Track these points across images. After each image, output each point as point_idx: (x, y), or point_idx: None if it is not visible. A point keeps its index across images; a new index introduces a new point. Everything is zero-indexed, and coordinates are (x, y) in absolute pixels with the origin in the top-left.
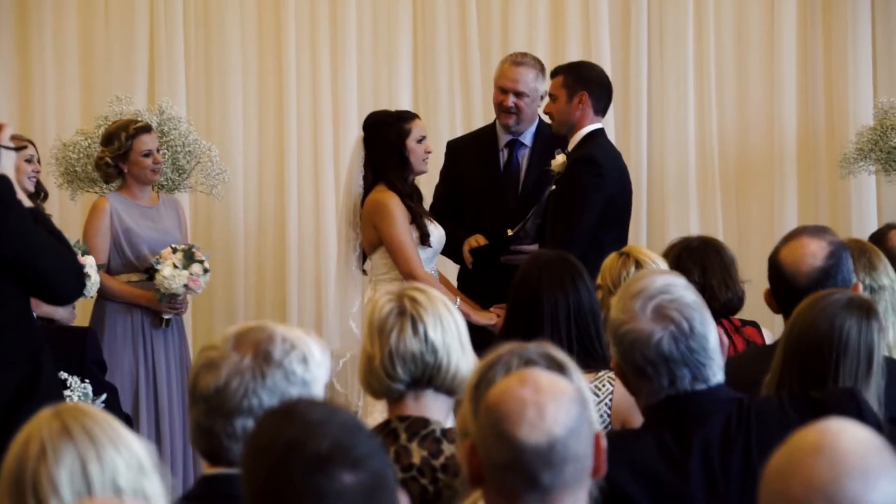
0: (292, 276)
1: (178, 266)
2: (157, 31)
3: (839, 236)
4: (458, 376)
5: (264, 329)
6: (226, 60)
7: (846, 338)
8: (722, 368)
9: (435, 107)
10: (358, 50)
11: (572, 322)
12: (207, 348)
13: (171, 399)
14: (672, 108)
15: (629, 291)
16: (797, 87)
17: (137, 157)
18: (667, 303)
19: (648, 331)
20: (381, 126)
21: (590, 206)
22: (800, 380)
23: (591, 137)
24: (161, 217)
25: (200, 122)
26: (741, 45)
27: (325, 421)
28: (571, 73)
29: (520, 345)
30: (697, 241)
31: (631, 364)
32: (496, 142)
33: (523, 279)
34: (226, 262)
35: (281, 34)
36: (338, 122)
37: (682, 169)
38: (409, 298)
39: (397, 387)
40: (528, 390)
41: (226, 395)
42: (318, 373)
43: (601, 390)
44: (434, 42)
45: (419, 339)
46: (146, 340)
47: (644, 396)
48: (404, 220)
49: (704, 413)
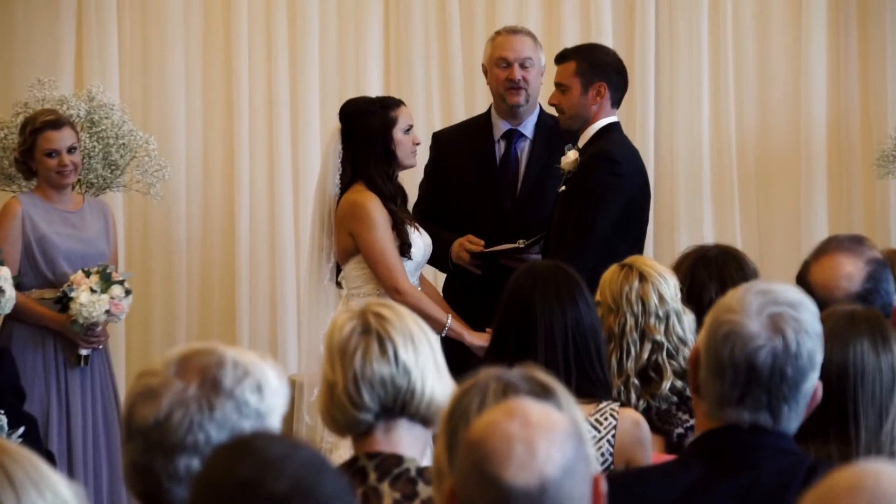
0: (243, 290)
1: (96, 290)
2: (85, 5)
3: (877, 247)
4: (433, 403)
5: (212, 352)
6: (165, 38)
7: (861, 365)
8: (800, 421)
9: (409, 95)
10: (320, 27)
11: (570, 342)
12: (145, 374)
13: (88, 443)
14: (683, 96)
15: (754, 287)
16: (827, 74)
17: (41, 156)
18: (789, 317)
19: (754, 332)
20: (363, 115)
21: (607, 208)
22: (817, 418)
23: (607, 132)
24: (85, 224)
25: (136, 110)
26: (763, 25)
27: (285, 458)
28: (586, 59)
29: (500, 368)
30: (715, 250)
31: (714, 356)
32: (491, 132)
33: (514, 292)
34: (165, 272)
35: (230, 8)
36: (296, 110)
37: (695, 167)
38: (373, 315)
39: (364, 417)
40: (516, 424)
41: (167, 429)
42: (274, 403)
43: (602, 424)
44: (408, 20)
45: (388, 360)
46: (60, 377)
47: (705, 399)
48: (386, 225)
49: (757, 459)
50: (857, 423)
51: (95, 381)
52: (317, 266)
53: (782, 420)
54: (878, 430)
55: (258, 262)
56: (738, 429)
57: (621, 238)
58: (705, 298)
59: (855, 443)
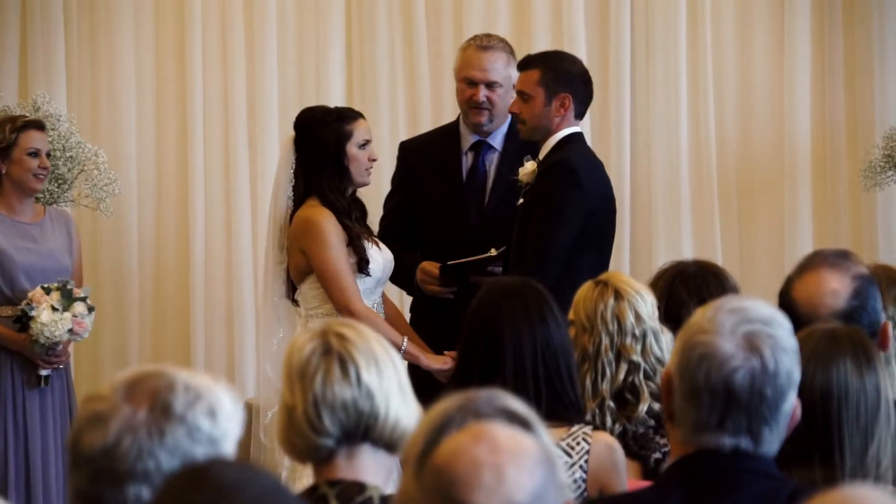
0: (198, 309)
1: (58, 308)
2: (29, 9)
3: (863, 262)
4: (398, 428)
5: (163, 375)
6: (115, 45)
7: (845, 386)
8: (780, 442)
9: (373, 102)
10: (278, 33)
11: (540, 362)
12: (92, 399)
13: (48, 466)
14: (660, 104)
15: (724, 305)
16: (812, 79)
17: (21, 154)
18: (764, 335)
19: (728, 353)
20: (317, 126)
21: (565, 222)
22: (799, 443)
23: (567, 142)
24: (45, 237)
25: (84, 121)
26: (744, 29)
27: (242, 485)
28: (551, 68)
29: (466, 392)
30: (694, 266)
31: (688, 381)
32: (459, 143)
33: (479, 311)
34: (116, 291)
35: (184, 11)
36: (254, 119)
37: (673, 178)
38: (334, 335)
39: (325, 443)
40: (484, 449)
41: (115, 457)
42: (228, 428)
43: (575, 449)
44: (372, 25)
45: (350, 382)
46: (17, 398)
47: (680, 426)
48: (339, 243)
49: (739, 483)
50: (841, 447)
51: (55, 402)
52: (270, 284)
53: (763, 443)
54: (863, 454)
55: (214, 279)
56: (718, 453)
57: (583, 252)
58: (684, 316)
59: (840, 467)
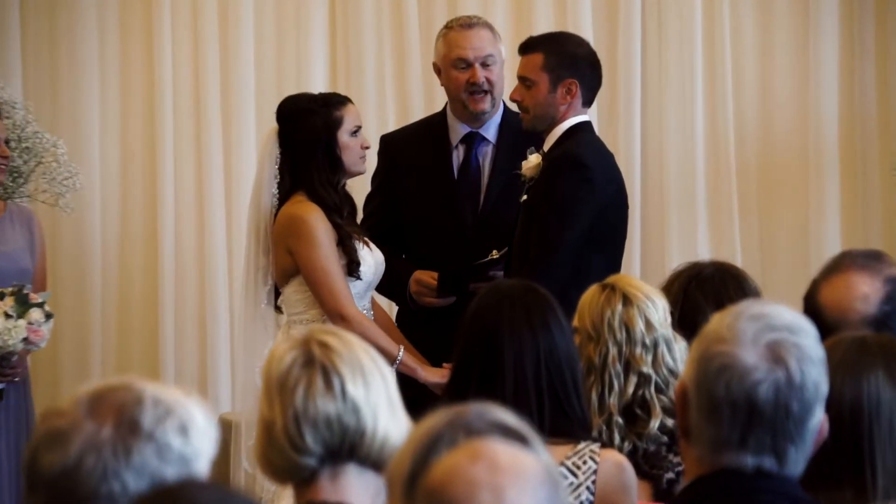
0: (167, 316)
1: (12, 315)
2: None
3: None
4: (387, 445)
5: (129, 388)
6: (76, 24)
7: (876, 399)
8: (806, 461)
9: (359, 93)
10: (255, 15)
11: (542, 372)
12: (51, 415)
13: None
14: (674, 92)
15: (744, 311)
16: (840, 66)
17: None
18: (790, 344)
19: (750, 364)
20: (303, 115)
21: (574, 220)
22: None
23: (575, 132)
24: (4, 236)
25: (43, 109)
26: (766, 12)
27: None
28: (555, 51)
29: (461, 406)
30: (711, 268)
31: (706, 394)
32: (447, 136)
33: (476, 317)
34: (77, 296)
35: None
36: (228, 109)
37: (688, 173)
38: (317, 344)
39: (306, 462)
40: (482, 469)
41: (77, 478)
42: (201, 446)
43: (581, 469)
44: (358, 5)
45: (334, 396)
46: None
47: (697, 444)
48: (329, 242)
49: None
50: (873, 466)
51: (10, 417)
52: (252, 288)
53: (788, 462)
54: None
55: (185, 283)
56: (739, 473)
57: (593, 253)
58: (700, 323)
59: (871, 489)
